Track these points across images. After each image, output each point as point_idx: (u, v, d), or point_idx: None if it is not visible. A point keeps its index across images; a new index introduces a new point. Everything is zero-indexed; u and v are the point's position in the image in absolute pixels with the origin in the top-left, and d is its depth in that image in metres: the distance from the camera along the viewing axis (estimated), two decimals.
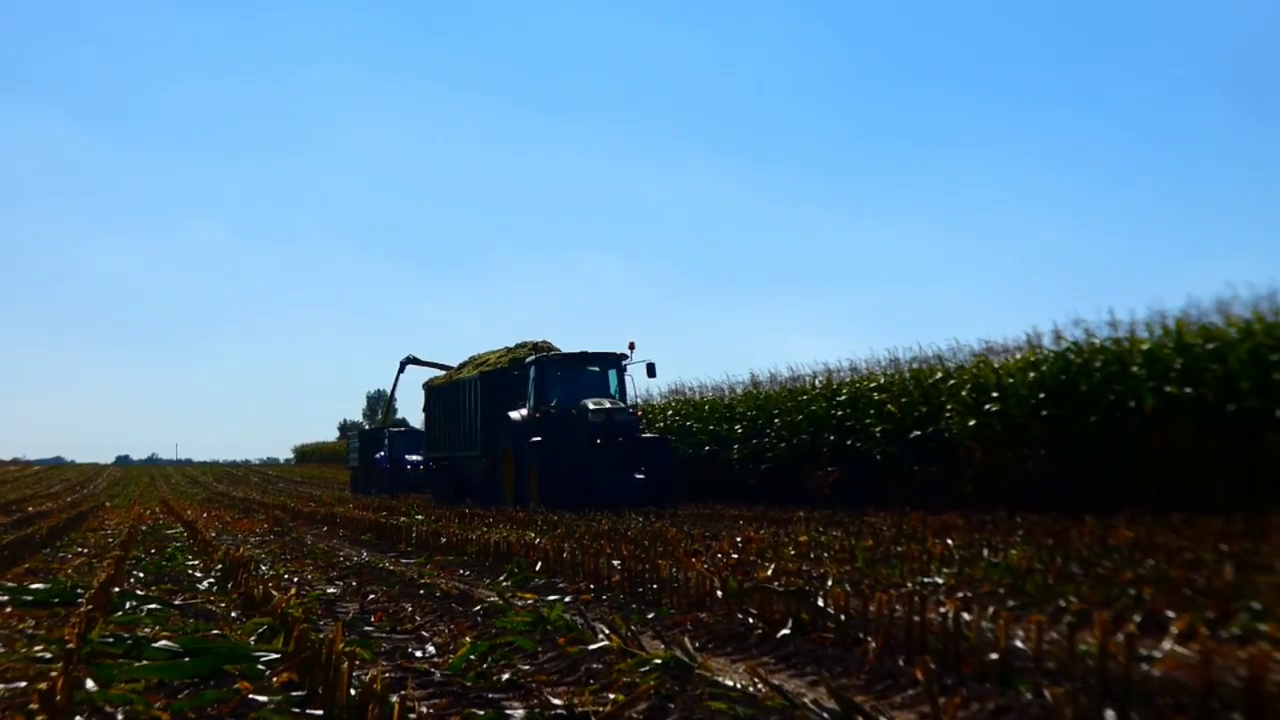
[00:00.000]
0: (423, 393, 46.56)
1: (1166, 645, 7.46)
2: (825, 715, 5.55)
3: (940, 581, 10.95)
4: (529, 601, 10.39)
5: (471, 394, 39.38)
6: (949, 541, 14.80)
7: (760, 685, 6.19)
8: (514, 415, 34.48)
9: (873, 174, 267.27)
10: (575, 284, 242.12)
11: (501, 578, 13.18)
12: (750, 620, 8.79)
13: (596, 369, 34.28)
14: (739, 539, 16.05)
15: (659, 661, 6.96)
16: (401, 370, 60.01)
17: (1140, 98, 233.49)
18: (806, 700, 5.82)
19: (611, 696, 6.17)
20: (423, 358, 58.29)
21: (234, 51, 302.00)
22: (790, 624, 8.37)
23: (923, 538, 15.74)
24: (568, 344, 38.38)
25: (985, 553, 13.30)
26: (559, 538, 16.92)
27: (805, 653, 7.61)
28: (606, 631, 8.11)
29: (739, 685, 6.34)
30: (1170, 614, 8.51)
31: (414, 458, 59.61)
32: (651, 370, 33.33)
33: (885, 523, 20.06)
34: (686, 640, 7.59)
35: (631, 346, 33.86)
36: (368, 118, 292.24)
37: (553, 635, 8.31)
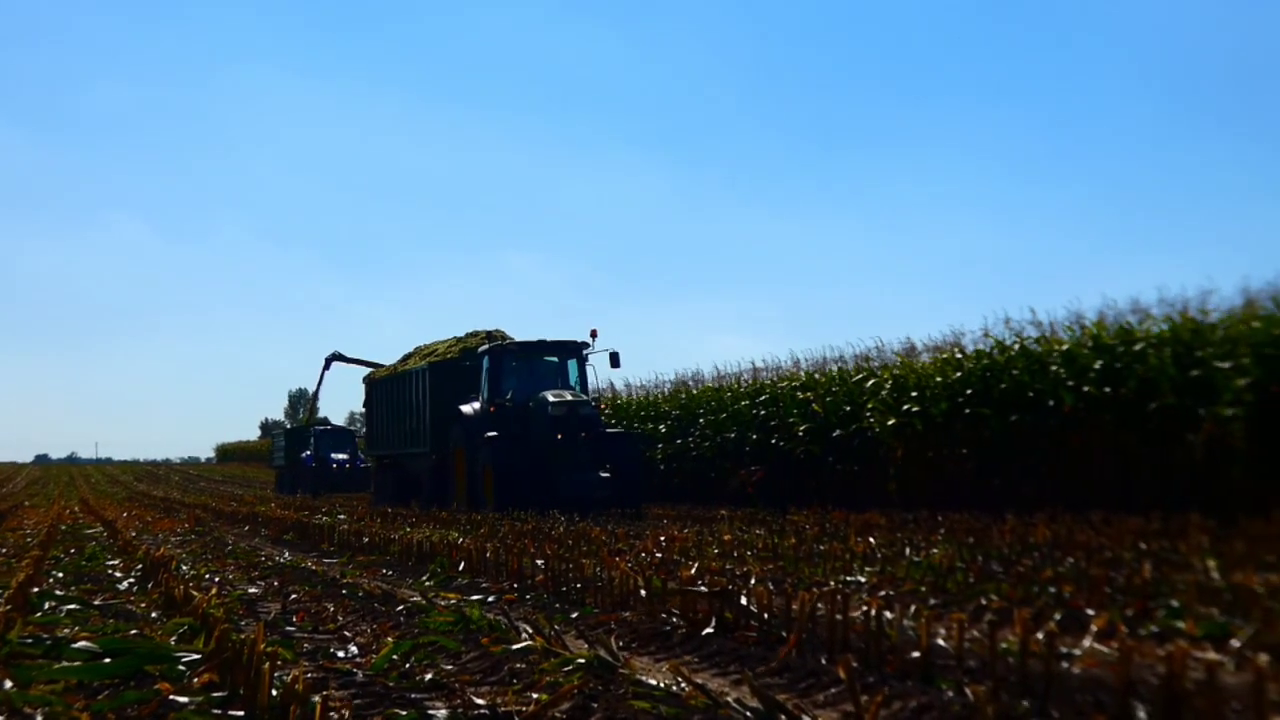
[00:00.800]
0: (363, 386, 43.09)
1: (1086, 643, 7.53)
2: (748, 714, 5.57)
3: (863, 580, 11.00)
4: (452, 601, 10.36)
5: (419, 386, 36.16)
6: (871, 540, 14.86)
7: (684, 684, 6.20)
8: (466, 409, 31.67)
9: (799, 173, 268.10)
10: (499, 283, 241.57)
11: (424, 577, 13.14)
12: (674, 619, 8.80)
13: (555, 359, 31.54)
14: (663, 538, 16.06)
15: (582, 661, 6.96)
16: (327, 367, 59.27)
17: (1063, 97, 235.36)
18: (730, 699, 5.84)
19: (535, 696, 6.17)
20: (348, 354, 57.83)
21: (155, 49, 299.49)
22: (714, 623, 8.39)
23: (845, 536, 15.81)
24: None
25: (907, 551, 13.37)
26: (482, 538, 16.89)
27: (729, 651, 7.62)
28: (530, 631, 8.10)
29: (663, 684, 6.35)
30: (1090, 612, 8.58)
31: (340, 456, 59.10)
32: (615, 360, 30.62)
33: (808, 521, 20.12)
34: (610, 639, 7.59)
35: (593, 334, 30.85)
36: (289, 116, 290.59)
37: (476, 635, 8.29)
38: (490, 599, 10.77)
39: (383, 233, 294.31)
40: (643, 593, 9.68)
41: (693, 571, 10.97)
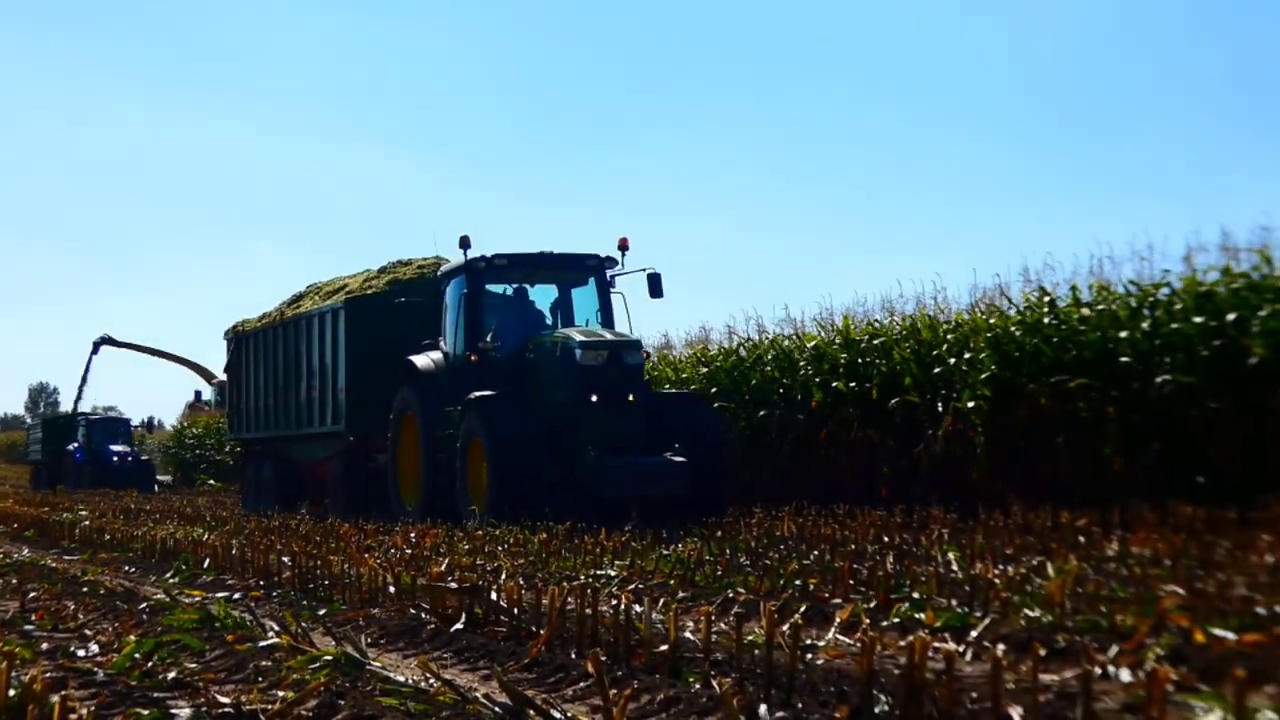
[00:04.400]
0: (226, 345, 31.39)
1: (831, 634, 7.67)
2: (497, 709, 5.56)
3: (612, 574, 11.07)
4: (196, 599, 10.19)
5: (326, 335, 25.13)
6: (621, 534, 14.95)
7: (432, 680, 6.18)
8: (420, 361, 21.10)
9: (551, 166, 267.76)
10: (247, 274, 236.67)
11: (168, 575, 12.92)
12: (423, 615, 8.77)
13: (559, 283, 21.81)
14: (412, 534, 15.98)
15: (330, 658, 6.89)
16: (95, 351, 55.89)
17: (809, 97, 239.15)
18: (478, 694, 5.83)
19: (281, 694, 6.09)
20: (119, 338, 55.55)
21: None
22: (463, 619, 8.38)
23: (595, 531, 15.88)
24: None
25: (657, 545, 13.47)
26: (228, 534, 16.65)
27: (478, 647, 7.63)
28: (276, 629, 8.01)
29: (411, 681, 6.32)
30: (835, 603, 8.74)
31: (120, 449, 55.59)
32: (656, 285, 20.64)
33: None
34: (358, 636, 7.54)
35: (623, 246, 20.87)
36: (18, 96, 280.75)
37: (221, 633, 8.17)
38: (236, 596, 10.63)
39: (120, 218, 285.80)
40: (392, 589, 9.64)
41: (442, 568, 10.94)
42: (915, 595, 8.84)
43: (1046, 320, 18.46)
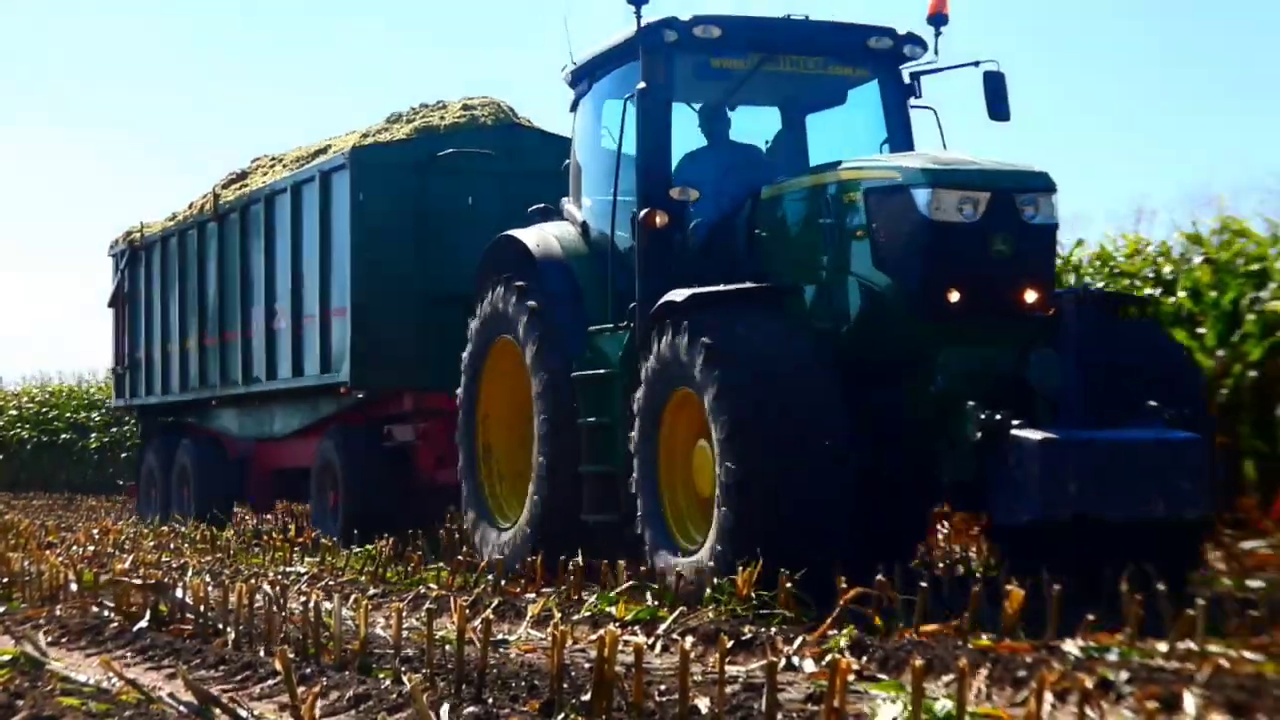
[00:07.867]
0: (114, 264, 20.06)
1: (522, 629, 7.72)
2: (182, 708, 5.47)
3: (303, 571, 10.97)
4: None
5: (305, 223, 14.77)
6: (314, 531, 14.79)
7: (115, 680, 6.06)
8: (533, 238, 10.64)
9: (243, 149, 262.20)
10: None
11: None
12: (107, 614, 8.59)
13: (800, 95, 11.06)
14: (96, 530, 15.61)
15: (8, 658, 6.72)
16: None
17: None
18: (163, 693, 5.73)
19: None
20: None
21: None
22: (148, 617, 8.23)
23: (286, 528, 15.70)
24: None
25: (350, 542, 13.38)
26: None
27: (163, 645, 7.50)
28: None
29: (93, 680, 6.20)
30: (528, 598, 8.80)
31: None
32: (997, 95, 10.08)
33: (252, 513, 19.75)
34: (39, 635, 7.36)
35: (936, 15, 10.20)
36: None
37: None
38: None
39: None
40: (74, 587, 9.42)
41: (127, 564, 10.73)
42: (609, 591, 8.95)
43: None
